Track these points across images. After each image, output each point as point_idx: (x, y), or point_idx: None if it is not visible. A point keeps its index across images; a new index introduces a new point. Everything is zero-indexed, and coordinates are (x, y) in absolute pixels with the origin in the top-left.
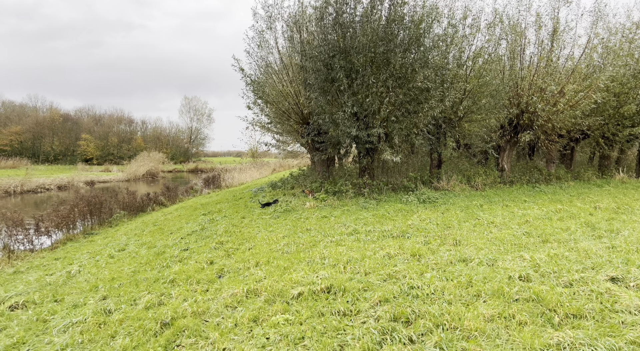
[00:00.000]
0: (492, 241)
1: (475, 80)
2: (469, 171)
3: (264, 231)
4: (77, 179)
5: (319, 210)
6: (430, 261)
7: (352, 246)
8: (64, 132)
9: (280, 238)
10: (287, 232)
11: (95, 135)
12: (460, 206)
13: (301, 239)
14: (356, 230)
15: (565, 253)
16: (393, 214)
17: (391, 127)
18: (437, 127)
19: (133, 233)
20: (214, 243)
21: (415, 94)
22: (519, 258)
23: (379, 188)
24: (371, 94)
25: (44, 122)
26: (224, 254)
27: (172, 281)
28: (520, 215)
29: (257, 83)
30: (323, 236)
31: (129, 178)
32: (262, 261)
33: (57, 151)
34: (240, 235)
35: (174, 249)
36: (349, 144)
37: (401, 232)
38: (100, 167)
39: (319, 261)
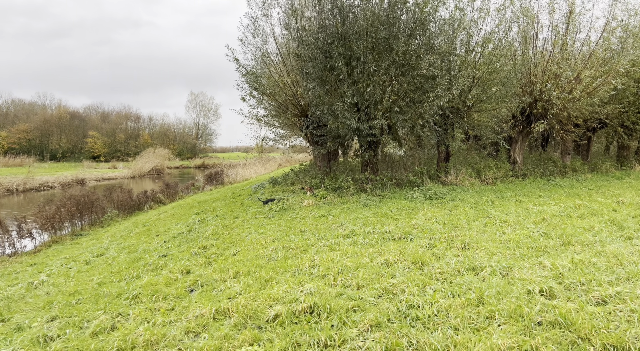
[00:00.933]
0: (506, 244)
1: (485, 67)
2: (478, 164)
3: (255, 233)
4: (81, 176)
5: (317, 208)
6: (434, 269)
7: (347, 251)
8: (71, 130)
9: (270, 241)
10: (278, 234)
11: (102, 132)
12: (469, 202)
13: (292, 243)
14: (354, 232)
15: (592, 259)
16: (396, 212)
17: (394, 118)
18: (444, 118)
19: (120, 235)
20: (197, 247)
21: (420, 83)
22: (538, 265)
23: (382, 183)
24: (372, 83)
25: (51, 120)
26: (204, 261)
27: (135, 297)
28: (535, 212)
29: (253, 74)
30: (317, 238)
31: (134, 174)
32: (243, 270)
33: (65, 148)
34: (228, 238)
35: (154, 254)
36: (350, 137)
37: (404, 233)
38: (107, 164)
39: (307, 270)
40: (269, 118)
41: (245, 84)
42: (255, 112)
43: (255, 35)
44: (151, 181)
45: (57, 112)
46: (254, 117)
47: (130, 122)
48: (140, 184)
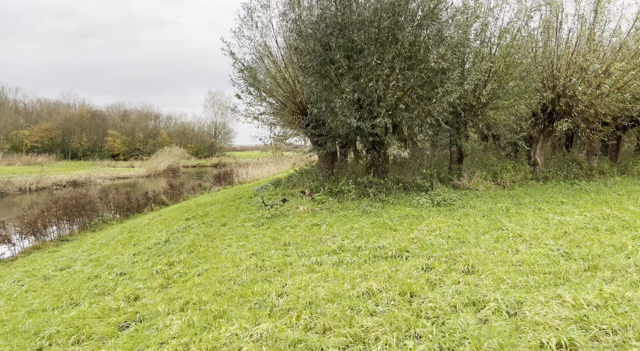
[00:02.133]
0: (518, 267)
1: (502, 59)
2: (495, 166)
3: (234, 246)
4: (95, 175)
5: (312, 215)
6: (425, 303)
7: (328, 274)
8: (92, 129)
9: (246, 257)
10: (259, 248)
11: (121, 131)
12: (481, 210)
13: (269, 261)
14: (343, 247)
15: (627, 293)
16: (397, 221)
17: (400, 116)
18: (456, 116)
19: (99, 243)
20: (163, 263)
21: (429, 77)
22: (556, 299)
23: (387, 187)
24: (375, 78)
25: (72, 119)
26: (161, 283)
27: (49, 338)
28: (556, 223)
29: (250, 69)
30: (299, 255)
31: (149, 173)
32: (196, 299)
33: (86, 147)
34: (203, 251)
35: (114, 271)
36: (351, 137)
37: (399, 250)
38: (126, 162)
39: (271, 301)
40: (267, 116)
41: (240, 80)
42: (252, 110)
43: (251, 28)
44: (166, 180)
45: (79, 111)
46: (250, 116)
47: (150, 121)
48: (154, 183)
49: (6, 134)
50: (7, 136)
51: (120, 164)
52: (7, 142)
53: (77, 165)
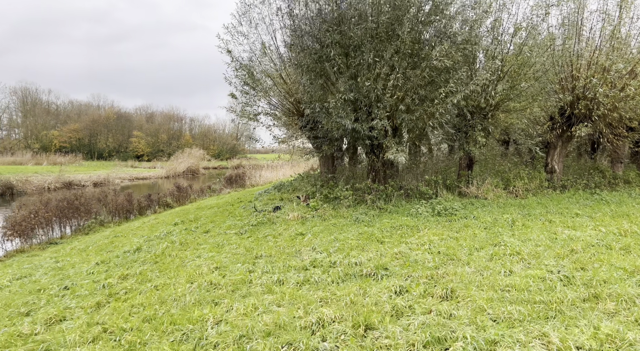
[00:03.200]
0: (506, 293)
1: (515, 58)
2: (508, 173)
3: (204, 257)
4: (114, 175)
5: (300, 223)
6: (380, 340)
7: (284, 296)
8: (117, 130)
9: (209, 270)
10: (228, 260)
11: (146, 132)
12: (484, 221)
13: (229, 276)
14: (316, 262)
15: (628, 335)
16: (387, 232)
17: (399, 118)
18: (463, 119)
19: (78, 248)
20: (116, 276)
21: (432, 76)
22: (540, 338)
23: (387, 194)
24: (372, 76)
25: (99, 120)
26: (99, 302)
27: None
28: (564, 239)
29: (246, 67)
30: (263, 271)
31: (168, 174)
32: (115, 326)
33: (111, 147)
34: (169, 263)
35: (66, 282)
36: (349, 140)
37: (377, 267)
38: (149, 163)
39: (201, 332)
40: (263, 117)
41: (236, 78)
42: (250, 110)
43: (249, 25)
44: (185, 181)
45: (105, 112)
46: (245, 116)
47: (174, 123)
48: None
49: (37, 134)
50: (37, 136)
51: (144, 165)
52: (37, 142)
53: (100, 165)
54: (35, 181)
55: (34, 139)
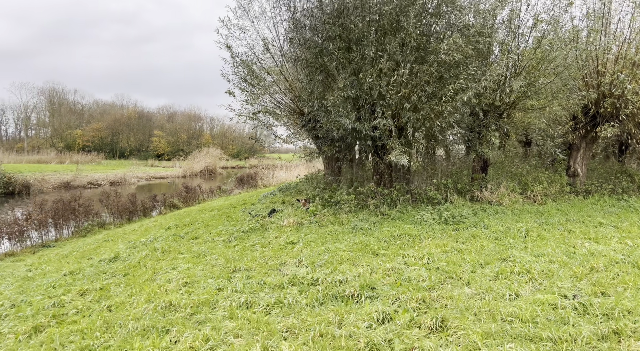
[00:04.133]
0: (507, 324)
1: (533, 52)
2: (525, 176)
3: (180, 269)
4: (131, 174)
5: (295, 230)
6: None
7: (244, 324)
8: (138, 129)
9: (177, 286)
10: (203, 273)
11: (166, 131)
12: (495, 230)
13: (195, 295)
14: (295, 278)
15: None
16: (385, 243)
17: (405, 117)
18: (475, 118)
19: (62, 255)
20: (75, 291)
21: (440, 71)
22: None
23: (392, 198)
24: (375, 72)
25: (121, 120)
26: (38, 325)
27: None
28: (583, 254)
29: (244, 63)
30: (233, 289)
31: (185, 174)
32: None
33: (132, 146)
34: (141, 275)
35: (20, 298)
36: (350, 140)
37: (363, 286)
38: (169, 162)
39: None
40: (263, 115)
41: (233, 75)
42: (250, 108)
43: (249, 18)
44: (203, 180)
45: (127, 112)
46: (243, 115)
47: (194, 123)
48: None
49: (61, 134)
50: (61, 136)
51: (163, 164)
52: (61, 141)
53: (119, 164)
54: (52, 180)
55: (59, 138)
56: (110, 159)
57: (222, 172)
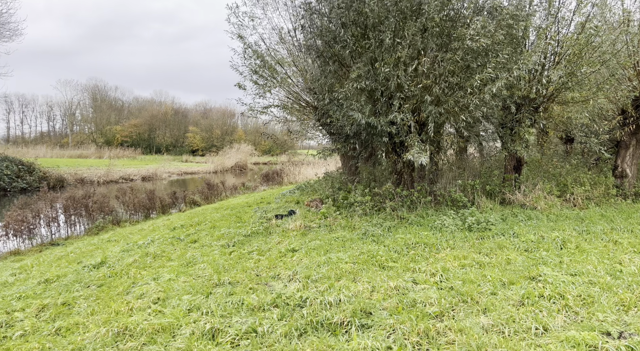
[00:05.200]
0: None
1: (574, 37)
2: (565, 177)
3: (161, 280)
4: (162, 170)
5: (301, 234)
6: None
7: None
8: (174, 125)
9: (147, 303)
10: (183, 286)
11: (201, 127)
12: (526, 240)
13: (156, 320)
14: (280, 298)
15: None
16: (396, 253)
17: (425, 110)
18: (507, 112)
19: (57, 256)
20: (35, 306)
21: (466, 60)
22: None
23: (411, 200)
24: (392, 61)
25: (157, 116)
26: None
27: None
28: (632, 274)
29: (256, 53)
30: (206, 310)
31: (216, 169)
32: None
33: (168, 142)
34: (116, 286)
35: None
36: (364, 137)
37: (357, 311)
38: (203, 158)
39: None
40: (274, 110)
41: (244, 66)
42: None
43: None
44: (233, 176)
45: (164, 108)
46: (254, 109)
47: (228, 119)
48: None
49: (101, 129)
50: (101, 131)
51: (197, 159)
52: (101, 137)
53: (153, 159)
54: (84, 175)
55: (99, 134)
56: (147, 154)
57: (253, 168)
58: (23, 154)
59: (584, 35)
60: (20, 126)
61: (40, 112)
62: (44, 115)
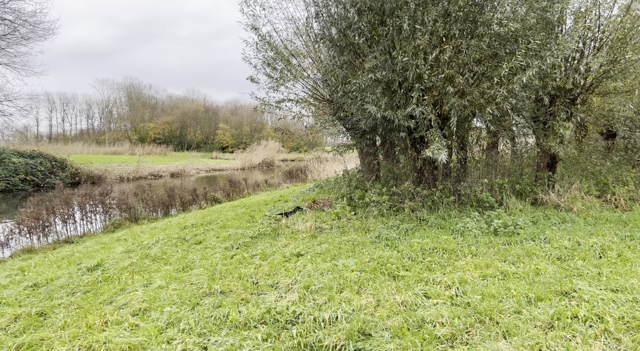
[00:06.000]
0: None
1: (618, 21)
2: (605, 175)
3: (152, 286)
4: (190, 166)
5: (309, 237)
6: None
7: None
8: (205, 122)
9: (125, 316)
10: (170, 296)
11: (230, 124)
12: (559, 247)
13: (124, 339)
14: (269, 313)
15: None
16: (410, 260)
17: (448, 103)
18: (540, 105)
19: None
20: (8, 315)
21: (493, 47)
22: None
23: (433, 200)
24: (411, 50)
25: (189, 113)
26: None
27: None
28: None
29: (270, 44)
30: (184, 327)
31: (244, 166)
32: None
33: (199, 139)
34: (103, 292)
35: None
36: (380, 131)
37: (354, 333)
38: (232, 154)
39: None
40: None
41: (256, 58)
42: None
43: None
44: (261, 173)
45: (195, 106)
46: (267, 104)
47: (257, 116)
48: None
49: (135, 126)
50: (135, 128)
51: (226, 156)
52: (135, 134)
53: (183, 156)
54: (115, 171)
55: (133, 131)
56: (178, 151)
57: (280, 165)
58: (59, 151)
59: (629, 18)
60: (61, 123)
61: (79, 110)
62: (83, 113)
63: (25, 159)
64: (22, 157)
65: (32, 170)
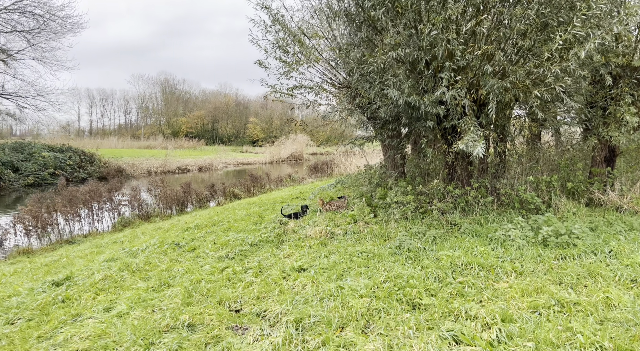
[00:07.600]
0: None
1: None
2: None
3: (113, 311)
4: (218, 160)
5: (319, 245)
6: None
7: None
8: (236, 116)
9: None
10: (126, 328)
11: (260, 118)
12: (631, 264)
13: None
14: None
15: None
16: (437, 281)
17: (486, 85)
18: (599, 87)
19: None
20: None
21: (542, 15)
22: None
23: (467, 201)
24: (440, 21)
25: (220, 107)
26: None
27: None
28: None
29: (281, 24)
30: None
31: (272, 160)
32: None
33: (230, 133)
34: (51, 319)
35: None
36: (404, 120)
37: None
38: (262, 148)
39: None
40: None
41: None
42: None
43: None
44: (289, 166)
45: (225, 100)
46: (277, 91)
47: (287, 109)
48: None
49: (168, 121)
50: (169, 122)
51: (256, 150)
52: (168, 128)
53: (212, 150)
54: (143, 165)
55: (166, 125)
56: (210, 145)
57: (309, 159)
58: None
59: None
60: (101, 118)
61: (118, 105)
62: (121, 108)
63: (54, 153)
64: (51, 151)
65: (61, 164)
